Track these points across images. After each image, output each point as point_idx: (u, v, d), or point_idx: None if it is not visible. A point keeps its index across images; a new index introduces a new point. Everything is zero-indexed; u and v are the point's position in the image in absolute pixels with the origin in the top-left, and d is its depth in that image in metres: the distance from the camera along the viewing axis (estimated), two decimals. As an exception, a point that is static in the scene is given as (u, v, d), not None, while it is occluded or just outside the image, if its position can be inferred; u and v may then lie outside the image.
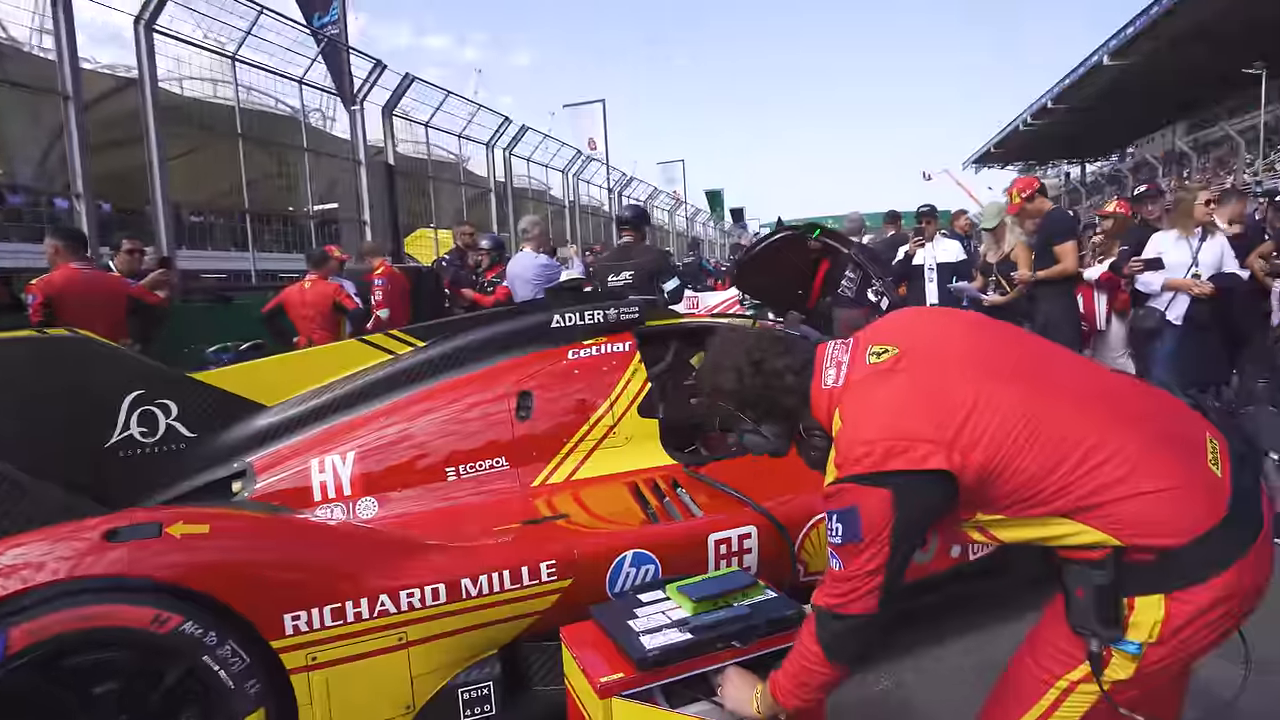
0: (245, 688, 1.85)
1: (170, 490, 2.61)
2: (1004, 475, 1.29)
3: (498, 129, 14.20)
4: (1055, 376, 1.39)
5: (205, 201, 10.04)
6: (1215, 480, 1.29)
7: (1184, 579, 1.24)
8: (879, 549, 1.32)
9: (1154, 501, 1.24)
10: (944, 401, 1.31)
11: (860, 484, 1.32)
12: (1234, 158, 33.83)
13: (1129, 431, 1.29)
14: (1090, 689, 1.32)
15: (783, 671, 1.50)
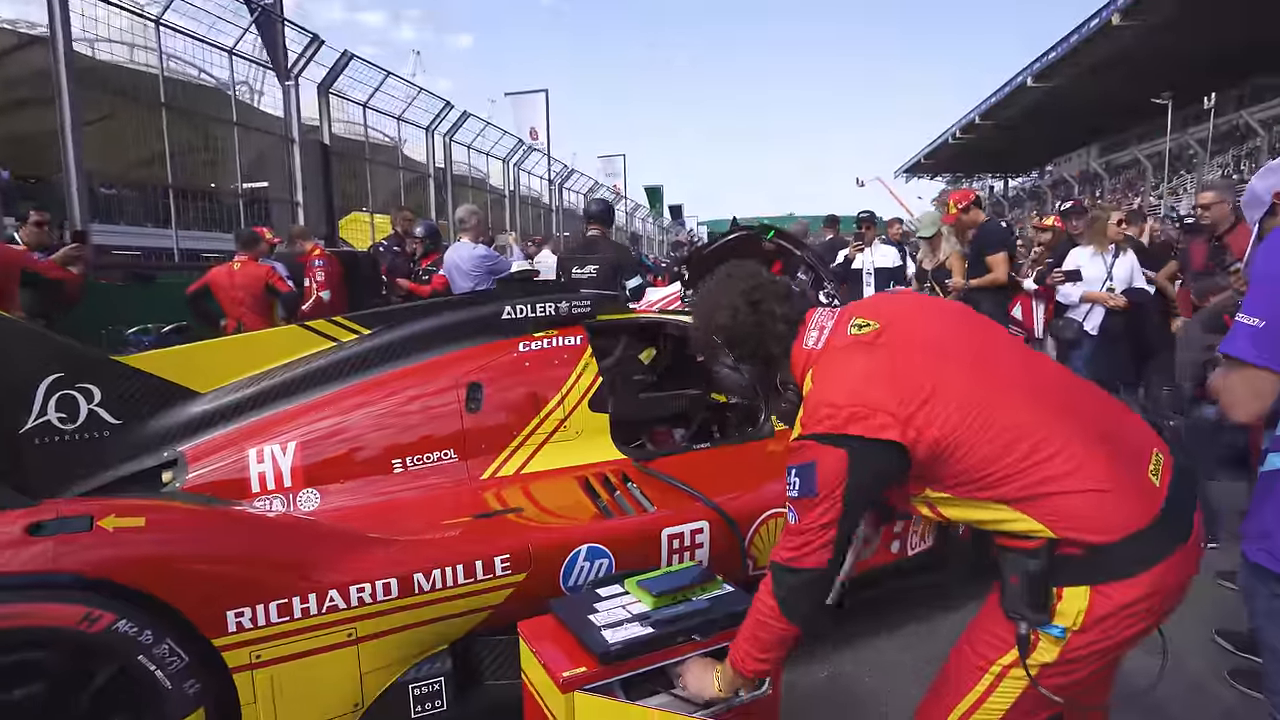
0: (183, 688, 1.76)
1: (93, 480, 2.45)
2: (954, 456, 1.36)
3: (439, 114, 13.87)
4: (1018, 372, 1.47)
5: (117, 173, 9.39)
6: (1152, 488, 1.37)
7: (1109, 574, 1.32)
8: (831, 505, 1.39)
9: (1089, 500, 1.32)
10: (909, 380, 1.39)
11: (820, 442, 1.39)
12: (1141, 180, 36.14)
13: (1077, 431, 1.37)
14: (1019, 674, 1.40)
15: (740, 637, 1.56)
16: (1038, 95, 32.11)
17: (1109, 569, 1.32)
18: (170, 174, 8.60)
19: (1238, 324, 1.52)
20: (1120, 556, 1.32)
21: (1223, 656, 2.82)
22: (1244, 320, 1.51)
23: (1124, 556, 1.32)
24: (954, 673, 1.52)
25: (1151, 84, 28.89)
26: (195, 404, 2.65)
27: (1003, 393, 1.40)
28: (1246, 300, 1.53)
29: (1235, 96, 32.85)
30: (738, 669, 1.57)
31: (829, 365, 1.47)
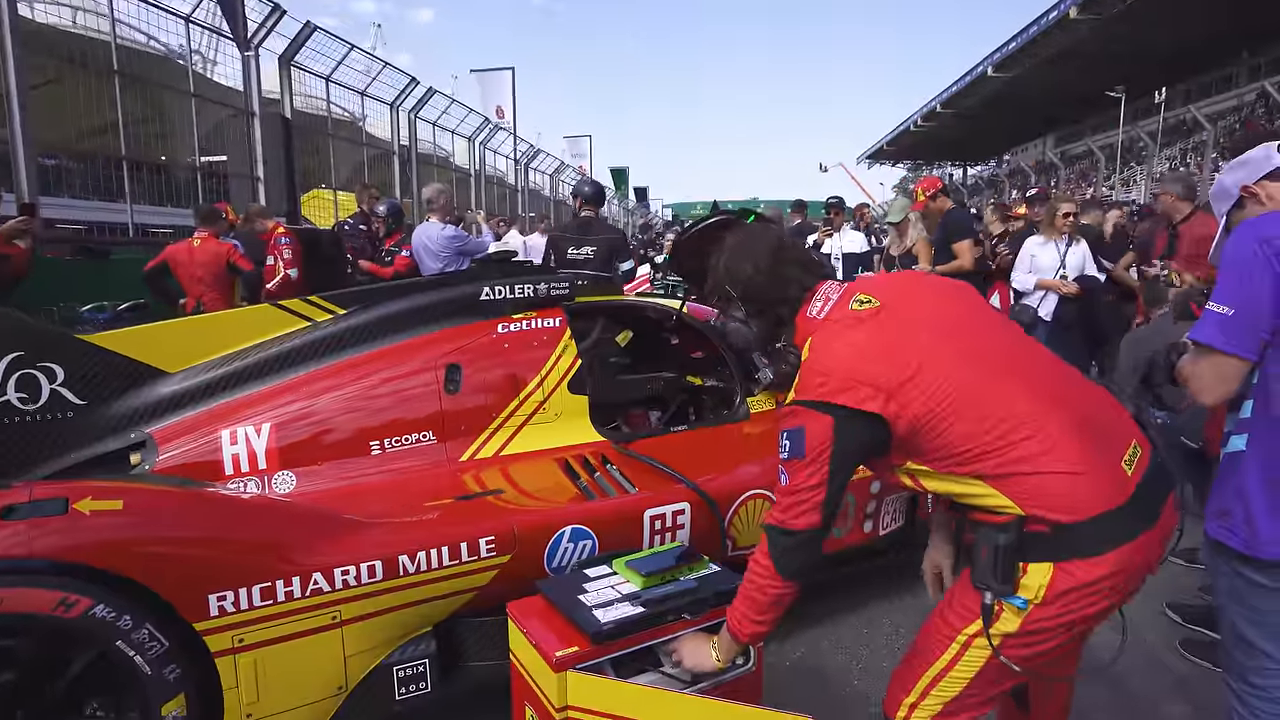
0: (164, 673, 1.73)
1: (57, 462, 2.37)
2: (934, 431, 1.43)
3: (404, 89, 13.54)
4: (1007, 356, 1.53)
5: (61, 143, 8.92)
6: (1124, 477, 1.43)
7: (1073, 552, 1.38)
8: (819, 468, 1.46)
9: (1059, 481, 1.38)
10: (898, 358, 1.45)
11: (809, 408, 1.47)
12: (1094, 171, 37.14)
13: (1056, 415, 1.42)
14: (983, 644, 1.45)
15: (736, 603, 1.61)
16: (997, 85, 32.73)
17: (1073, 547, 1.38)
18: (124, 145, 8.23)
19: (1207, 312, 1.59)
20: (1084, 536, 1.37)
21: (1173, 629, 2.96)
22: (1213, 308, 1.58)
23: (1088, 536, 1.37)
24: (924, 642, 1.59)
25: (1106, 77, 29.68)
26: (164, 384, 2.57)
27: (988, 374, 1.46)
28: (1216, 289, 1.59)
29: (1183, 91, 33.93)
30: (736, 635, 1.62)
31: (826, 336, 1.53)
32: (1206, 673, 2.65)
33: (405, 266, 6.00)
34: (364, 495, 2.42)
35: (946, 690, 1.52)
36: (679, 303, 3.51)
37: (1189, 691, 2.55)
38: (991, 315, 1.66)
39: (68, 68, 8.15)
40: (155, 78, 9.24)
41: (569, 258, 4.94)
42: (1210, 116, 30.59)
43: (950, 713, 1.53)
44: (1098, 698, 2.50)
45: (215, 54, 9.87)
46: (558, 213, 26.80)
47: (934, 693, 1.53)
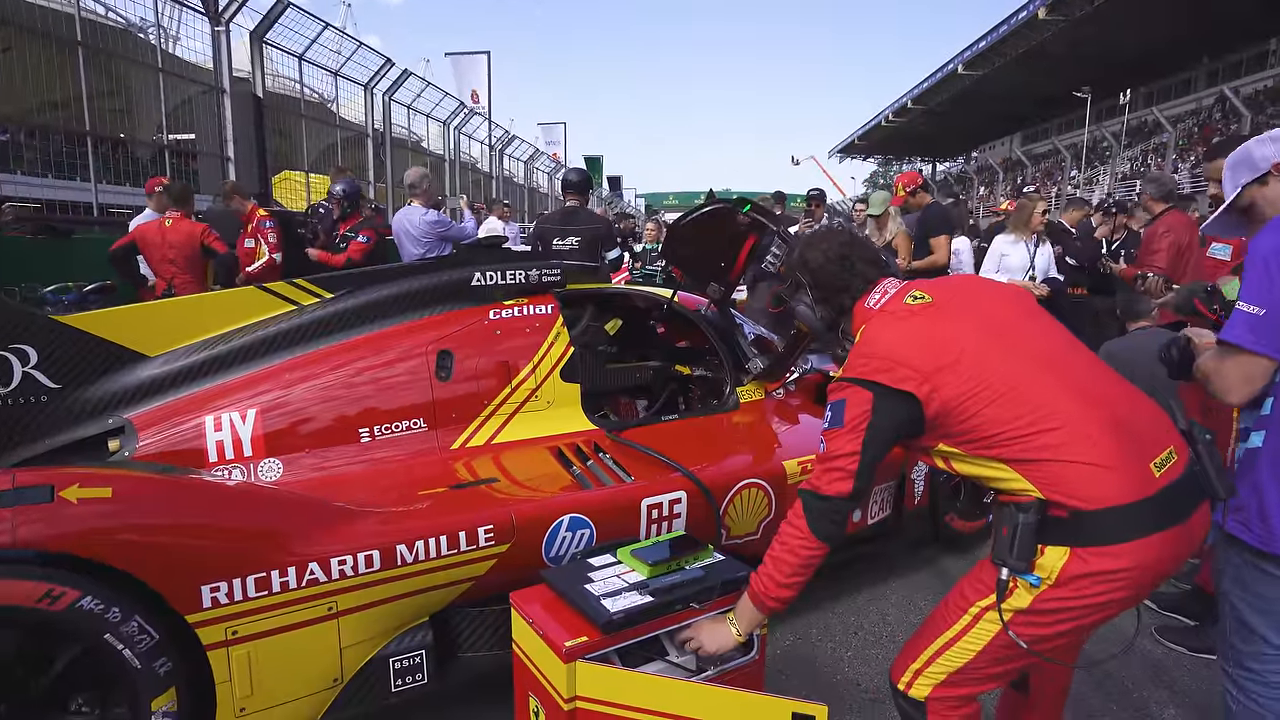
0: (153, 666, 1.68)
1: (31, 448, 2.27)
2: (963, 414, 1.51)
3: (378, 71, 13.25)
4: (1046, 354, 1.59)
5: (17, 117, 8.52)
6: (1150, 476, 1.45)
7: (1090, 540, 1.43)
8: (855, 438, 1.56)
9: (1080, 471, 1.44)
10: (940, 347, 1.55)
11: (852, 383, 1.59)
12: (1059, 170, 37.91)
13: (1088, 412, 1.48)
14: (993, 618, 1.51)
15: (762, 570, 1.65)
16: (967, 82, 33.18)
17: (1090, 535, 1.43)
18: (87, 120, 7.89)
19: (1236, 311, 1.60)
20: (1102, 525, 1.42)
21: (1150, 615, 3.04)
22: (1243, 308, 1.59)
23: (1106, 526, 1.42)
24: (937, 614, 1.65)
25: (1072, 77, 30.27)
26: (144, 368, 2.48)
27: (1026, 369, 1.53)
28: (1244, 288, 1.60)
29: (1146, 94, 34.78)
30: (761, 601, 1.65)
31: (879, 325, 1.66)
32: (1181, 657, 2.74)
33: (359, 253, 5.44)
34: (353, 483, 2.37)
35: (953, 660, 1.57)
36: (669, 291, 3.49)
37: (1165, 676, 2.63)
38: (1043, 319, 1.71)
39: (23, 37, 7.79)
40: (118, 51, 8.87)
41: (555, 247, 4.93)
42: (1171, 119, 31.40)
43: (953, 683, 1.58)
44: (1076, 683, 2.55)
45: (179, 28, 9.54)
46: (531, 200, 26.54)
47: (940, 660, 1.58)
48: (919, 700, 1.61)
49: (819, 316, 1.82)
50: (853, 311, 1.77)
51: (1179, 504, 1.47)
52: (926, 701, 1.60)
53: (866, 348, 1.62)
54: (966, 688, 1.59)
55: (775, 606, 1.65)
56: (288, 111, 11.68)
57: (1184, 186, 17.94)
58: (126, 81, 9.09)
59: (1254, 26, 26.39)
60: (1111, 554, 1.42)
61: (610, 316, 3.63)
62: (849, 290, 1.76)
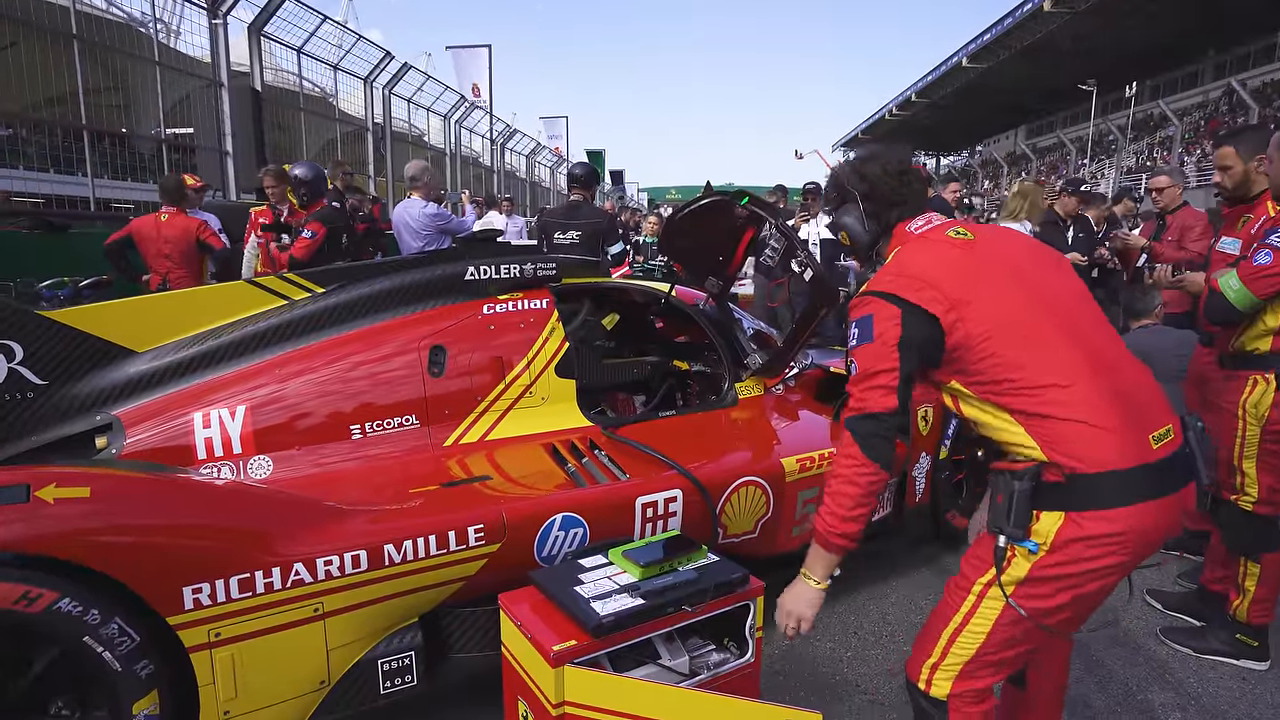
0: (134, 669, 1.64)
1: (16, 446, 2.23)
2: (982, 353, 1.51)
3: (378, 64, 13.19)
4: (1070, 317, 1.59)
5: (18, 112, 8.49)
6: (1148, 447, 1.48)
7: (1085, 504, 1.45)
8: (888, 353, 1.54)
9: (1082, 431, 1.45)
10: (971, 281, 1.56)
11: (879, 297, 1.57)
12: (1064, 163, 37.71)
13: (1098, 378, 1.49)
14: (997, 593, 1.52)
15: (822, 512, 1.62)
16: (971, 75, 33.00)
17: (1085, 499, 1.44)
18: (84, 114, 7.86)
19: None
20: (1098, 489, 1.44)
21: (1154, 616, 2.99)
22: None
23: (1102, 490, 1.44)
24: (943, 602, 1.64)
25: (1078, 70, 30.07)
26: (132, 364, 2.45)
27: (1049, 325, 1.54)
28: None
29: (1152, 87, 34.54)
30: (828, 542, 1.61)
31: (916, 247, 1.67)
32: (1187, 659, 2.69)
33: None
34: (344, 481, 2.33)
35: (965, 647, 1.56)
36: (666, 285, 3.44)
37: (1170, 677, 2.58)
38: (1072, 280, 1.70)
39: (24, 32, 7.74)
40: (117, 46, 8.83)
41: (556, 241, 4.95)
42: (1177, 112, 31.19)
43: (969, 674, 1.56)
44: (1079, 685, 2.51)
45: (179, 22, 9.50)
46: (532, 194, 26.48)
47: (954, 650, 1.57)
48: (940, 699, 1.59)
49: (867, 230, 1.77)
50: (893, 232, 1.75)
51: (1173, 476, 1.50)
52: (948, 700, 1.58)
53: (899, 267, 1.62)
54: (983, 678, 1.58)
55: (843, 544, 1.60)
56: (287, 105, 11.62)
57: (1191, 180, 17.81)
58: (126, 76, 9.05)
59: (1262, 19, 26.16)
60: (1107, 518, 1.44)
61: (607, 311, 3.59)
62: (902, 206, 1.73)
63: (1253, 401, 2.52)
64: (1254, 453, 2.54)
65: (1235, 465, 2.58)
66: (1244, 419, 2.54)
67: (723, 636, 1.88)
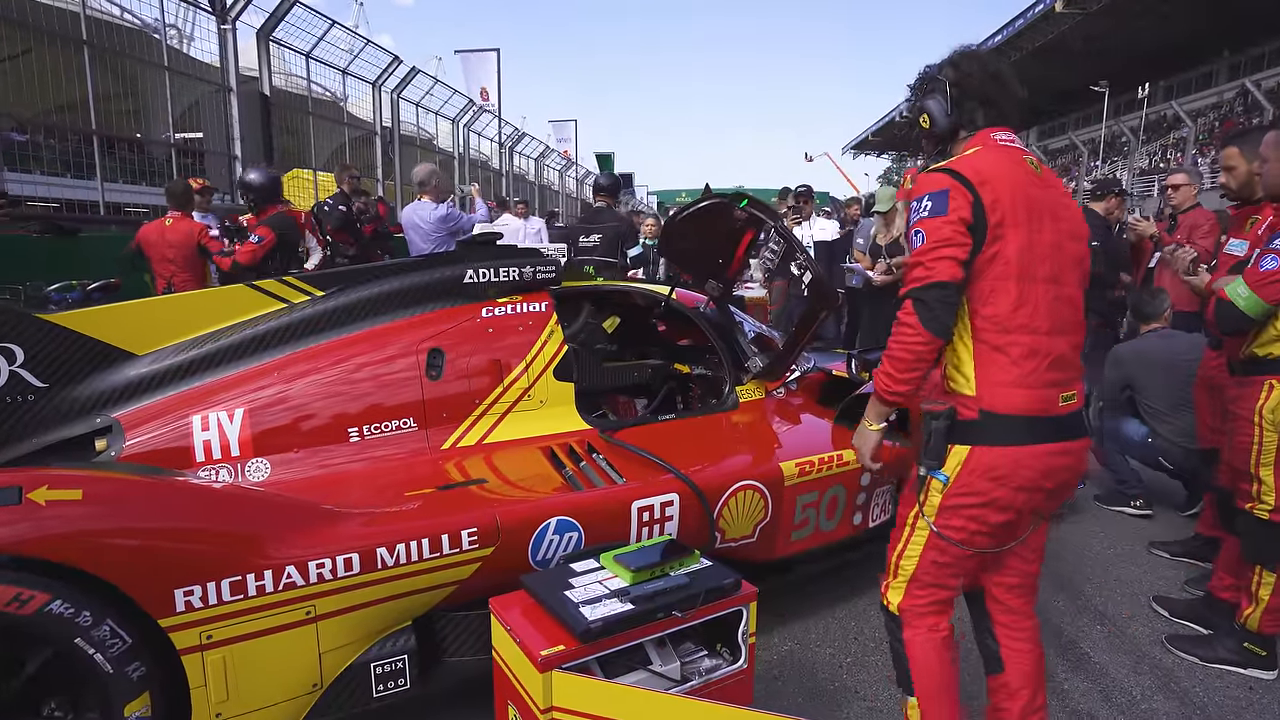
0: (126, 671, 1.64)
1: (17, 448, 2.25)
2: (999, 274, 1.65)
3: (386, 68, 13.25)
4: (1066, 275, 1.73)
5: (32, 118, 8.59)
6: (1055, 404, 1.68)
7: (987, 439, 1.67)
8: (960, 228, 1.63)
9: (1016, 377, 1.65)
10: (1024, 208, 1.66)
11: (957, 179, 1.65)
12: (1076, 165, 37.41)
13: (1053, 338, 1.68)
14: (924, 525, 1.77)
15: (880, 371, 1.75)
16: (983, 77, 32.77)
17: (989, 435, 1.67)
18: (94, 120, 7.94)
19: None
20: (1001, 428, 1.66)
21: (1160, 624, 2.95)
22: None
23: (1004, 429, 1.66)
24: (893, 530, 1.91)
25: (1090, 71, 29.85)
26: (132, 367, 2.46)
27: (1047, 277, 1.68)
28: None
29: (1165, 88, 34.23)
30: (882, 397, 1.78)
31: (999, 155, 1.71)
32: (1193, 667, 2.65)
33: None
34: (342, 484, 2.33)
35: (906, 567, 1.83)
36: (667, 288, 3.44)
37: (1176, 686, 2.54)
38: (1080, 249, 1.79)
39: (38, 39, 7.83)
40: (129, 52, 8.92)
41: (580, 245, 5.29)
42: (1191, 113, 30.90)
43: (912, 592, 1.82)
44: (1082, 697, 2.48)
45: (193, 29, 9.59)
46: (541, 198, 26.54)
47: (899, 569, 1.84)
48: (894, 613, 1.85)
49: (943, 123, 1.80)
50: (977, 134, 1.77)
51: (1068, 430, 1.71)
52: (900, 613, 1.84)
53: (981, 163, 1.67)
54: (926, 593, 1.81)
55: (895, 400, 1.75)
56: (295, 110, 11.70)
57: (1206, 182, 17.62)
58: (139, 82, 9.13)
59: (1277, 20, 25.88)
60: (1001, 454, 1.66)
61: (608, 314, 3.59)
62: (989, 107, 1.76)
63: (1269, 407, 2.47)
64: (1271, 459, 2.49)
65: (1252, 472, 2.54)
66: (1260, 425, 2.50)
67: (716, 642, 1.87)
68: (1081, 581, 3.30)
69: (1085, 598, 3.15)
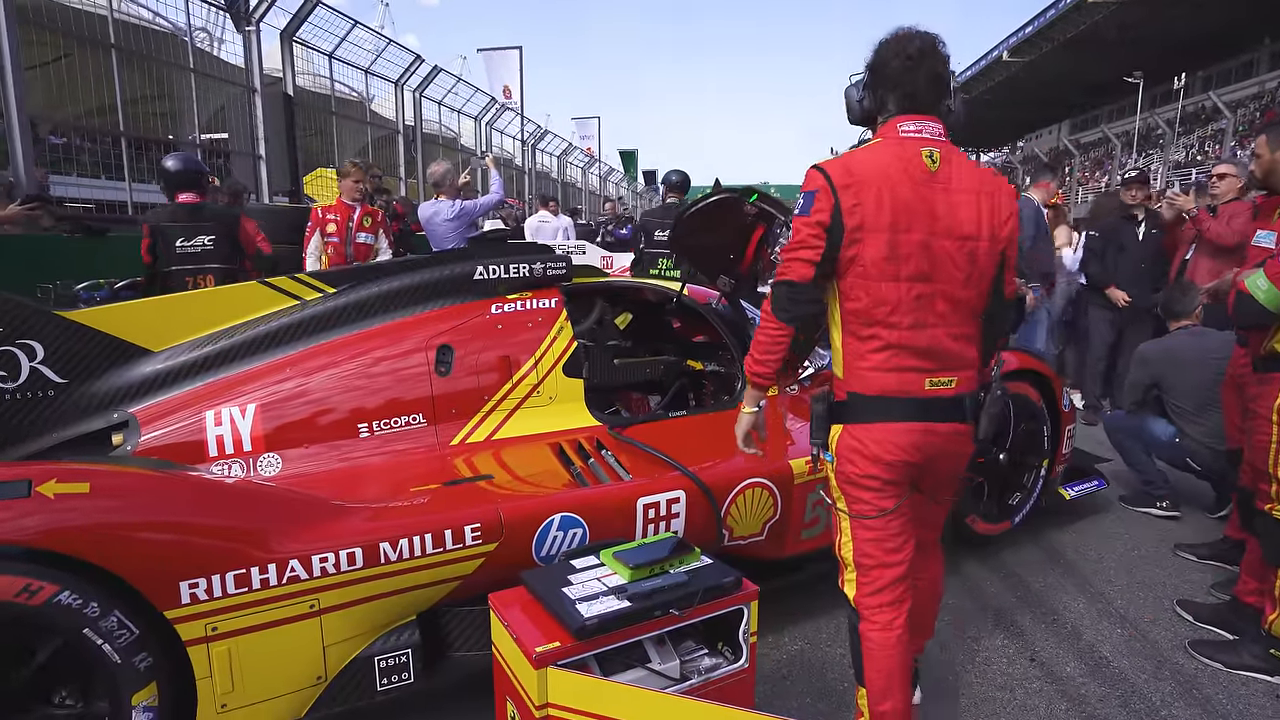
0: (133, 661, 1.67)
1: (37, 442, 2.31)
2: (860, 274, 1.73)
3: (408, 68, 13.38)
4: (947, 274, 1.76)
5: (70, 121, 8.84)
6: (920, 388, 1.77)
7: (856, 418, 1.80)
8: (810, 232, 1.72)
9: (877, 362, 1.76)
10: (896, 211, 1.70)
11: (826, 180, 1.71)
12: (1109, 159, 36.58)
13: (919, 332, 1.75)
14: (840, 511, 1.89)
15: (748, 355, 1.89)
16: (1012, 70, 32.19)
17: (857, 415, 1.80)
18: (122, 122, 8.13)
19: None
20: (867, 409, 1.78)
21: (1183, 628, 2.87)
22: None
23: (870, 409, 1.78)
24: None
25: (1123, 62, 29.14)
26: (147, 363, 2.51)
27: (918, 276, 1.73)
28: None
29: (1203, 78, 33.30)
30: (751, 379, 1.91)
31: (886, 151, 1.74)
32: (1216, 674, 2.57)
33: None
34: (350, 479, 2.36)
35: (847, 555, 1.91)
36: (678, 284, 3.42)
37: (1198, 693, 2.47)
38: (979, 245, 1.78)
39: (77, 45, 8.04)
40: (161, 55, 9.11)
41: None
42: (1230, 104, 30.03)
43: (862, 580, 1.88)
44: (1103, 702, 2.42)
45: (222, 32, 9.76)
46: (564, 195, 26.61)
47: (844, 560, 1.93)
48: (853, 606, 1.92)
49: (860, 101, 1.85)
50: (887, 122, 1.78)
51: (936, 412, 1.79)
52: (857, 606, 1.90)
53: (856, 161, 1.72)
54: (873, 576, 1.86)
55: (759, 381, 1.89)
56: (319, 110, 11.85)
57: (1244, 174, 17.10)
58: (171, 85, 9.33)
59: (1321, 5, 25.04)
60: (866, 430, 1.79)
61: (621, 310, 3.58)
62: (901, 94, 1.76)
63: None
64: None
65: (1270, 473, 2.46)
66: (1277, 424, 2.42)
67: (718, 641, 1.85)
68: (1103, 584, 3.22)
69: (1106, 600, 3.08)
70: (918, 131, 1.75)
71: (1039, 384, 3.52)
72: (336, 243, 5.36)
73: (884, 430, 1.76)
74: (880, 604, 1.86)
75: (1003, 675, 2.56)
